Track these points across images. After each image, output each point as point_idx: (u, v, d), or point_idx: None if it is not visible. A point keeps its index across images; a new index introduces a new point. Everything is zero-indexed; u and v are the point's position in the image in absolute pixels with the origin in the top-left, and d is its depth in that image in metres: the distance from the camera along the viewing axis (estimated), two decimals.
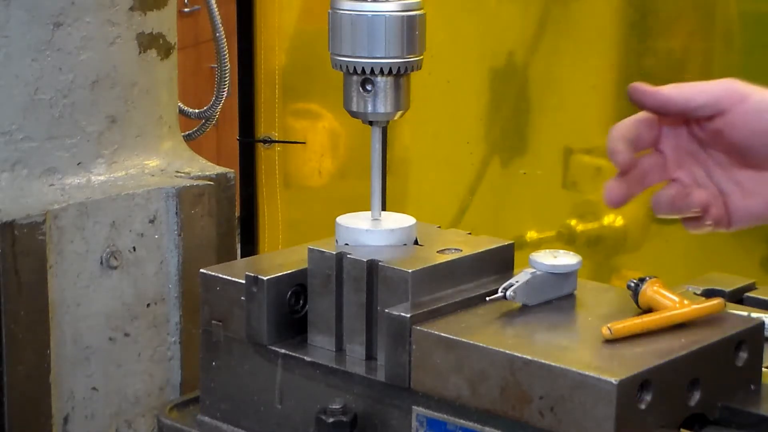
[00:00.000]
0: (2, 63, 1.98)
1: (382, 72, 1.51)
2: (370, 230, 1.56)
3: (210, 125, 2.99)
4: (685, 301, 1.42)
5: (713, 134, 1.42)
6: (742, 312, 1.60)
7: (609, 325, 1.36)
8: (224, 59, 2.91)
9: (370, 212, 1.60)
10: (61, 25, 2.02)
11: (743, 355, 1.42)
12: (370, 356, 1.49)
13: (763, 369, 1.46)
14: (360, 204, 1.63)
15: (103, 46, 2.08)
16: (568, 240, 2.89)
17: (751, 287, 1.81)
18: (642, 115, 1.45)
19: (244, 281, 1.54)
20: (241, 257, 2.48)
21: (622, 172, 1.42)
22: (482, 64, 2.94)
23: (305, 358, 1.51)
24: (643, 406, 1.29)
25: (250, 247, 3.34)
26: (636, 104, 1.44)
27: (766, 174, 1.40)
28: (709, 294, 1.71)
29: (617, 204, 1.43)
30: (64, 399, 2.03)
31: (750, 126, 1.38)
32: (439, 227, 1.67)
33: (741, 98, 1.38)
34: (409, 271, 1.46)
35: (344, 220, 1.58)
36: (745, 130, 1.39)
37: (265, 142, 3.29)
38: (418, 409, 1.42)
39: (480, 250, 1.55)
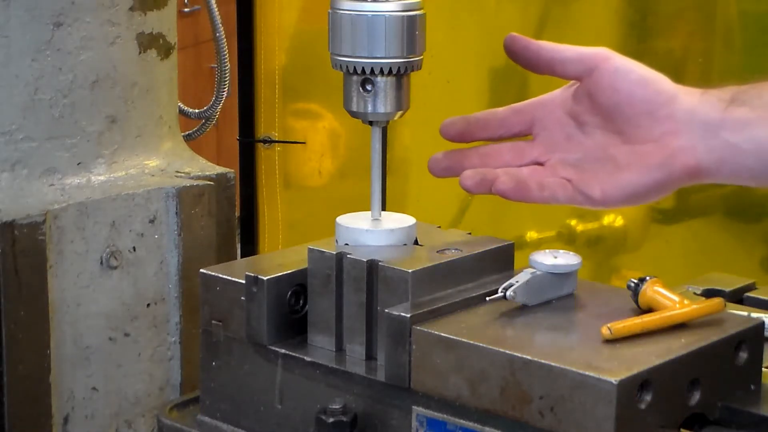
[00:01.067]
0: (2, 63, 1.98)
1: (382, 72, 1.51)
2: (370, 230, 1.56)
3: (210, 125, 2.99)
4: (685, 301, 1.42)
5: (585, 101, 1.44)
6: (742, 312, 1.60)
7: (609, 325, 1.36)
8: (224, 59, 2.91)
9: (370, 212, 1.60)
10: (61, 25, 2.02)
11: (743, 355, 1.42)
12: (370, 356, 1.49)
13: (763, 369, 1.46)
14: (360, 204, 1.63)
15: (103, 46, 2.08)
16: (568, 240, 2.89)
17: (751, 287, 1.81)
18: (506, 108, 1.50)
19: (244, 281, 1.54)
20: (241, 257, 2.48)
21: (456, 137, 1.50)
22: (482, 64, 2.94)
23: (305, 358, 1.51)
24: (643, 406, 1.29)
25: (250, 247, 3.34)
26: (510, 56, 1.48)
27: (639, 148, 1.41)
28: (709, 294, 1.71)
29: (437, 173, 1.51)
30: (64, 399, 2.03)
31: (615, 84, 1.42)
32: (439, 227, 1.67)
33: (606, 59, 1.43)
34: (409, 271, 1.46)
35: (344, 220, 1.59)
36: (609, 88, 1.43)
37: (265, 142, 3.29)
38: (418, 409, 1.42)
39: (480, 250, 1.55)
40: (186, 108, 2.85)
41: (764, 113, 1.36)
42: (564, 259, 1.49)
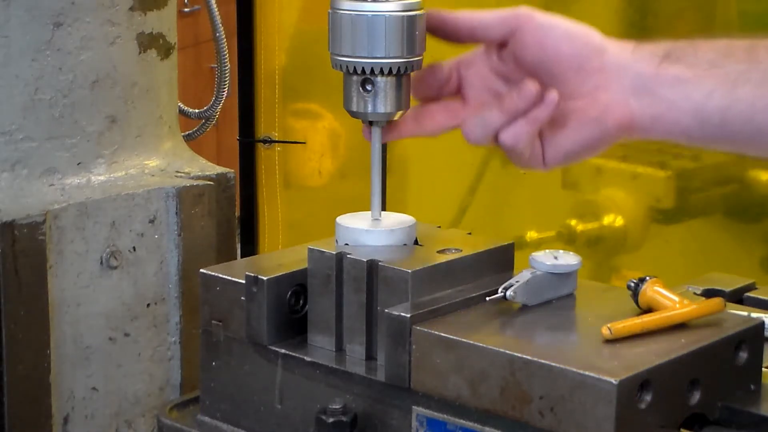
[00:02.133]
0: (2, 63, 1.98)
1: (382, 72, 1.51)
2: (370, 230, 1.56)
3: (210, 125, 2.99)
4: (685, 301, 1.42)
5: (511, 62, 1.43)
6: (742, 312, 1.60)
7: (609, 325, 1.36)
8: (224, 59, 2.91)
9: (370, 212, 1.60)
10: (61, 25, 2.02)
11: (743, 355, 1.42)
12: (370, 356, 1.49)
13: (763, 369, 1.46)
14: (360, 204, 1.63)
15: (103, 46, 2.08)
16: (568, 240, 2.89)
17: (751, 287, 1.81)
18: (435, 64, 1.48)
19: (244, 281, 1.54)
20: (241, 257, 2.48)
21: None
22: None
23: (305, 358, 1.51)
24: (643, 406, 1.29)
25: (250, 247, 3.34)
26: (430, 31, 1.47)
27: (571, 104, 1.40)
28: (709, 294, 1.71)
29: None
30: (64, 399, 2.03)
31: (539, 41, 1.40)
32: (439, 227, 1.67)
33: (528, 18, 1.41)
34: (409, 271, 1.46)
35: (344, 220, 1.58)
36: (534, 46, 1.40)
37: (265, 142, 3.29)
38: (418, 409, 1.42)
39: (480, 250, 1.55)
40: (186, 108, 2.85)
41: (700, 71, 1.34)
42: (564, 259, 1.49)
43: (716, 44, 1.35)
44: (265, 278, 1.52)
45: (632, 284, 1.46)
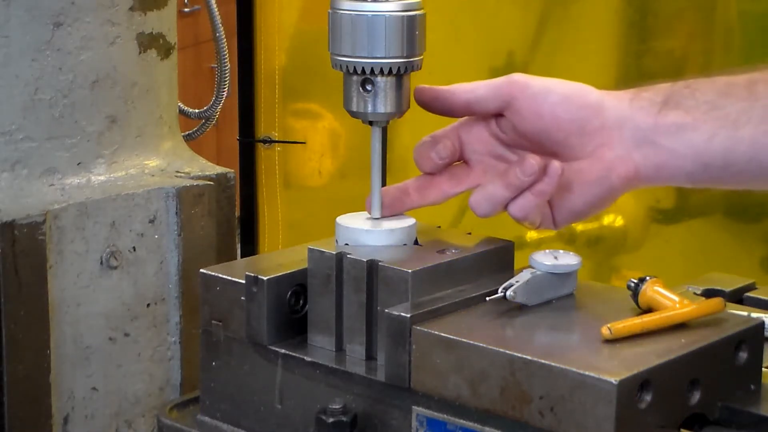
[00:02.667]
0: (2, 63, 1.98)
1: (382, 72, 1.51)
2: (370, 230, 1.56)
3: (210, 125, 2.99)
4: (685, 301, 1.42)
5: (511, 132, 1.42)
6: (742, 312, 1.60)
7: (609, 325, 1.36)
8: (224, 59, 2.91)
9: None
10: (61, 25, 2.02)
11: (743, 355, 1.42)
12: (370, 356, 1.49)
13: (763, 369, 1.46)
14: (360, 204, 1.63)
15: (103, 46, 2.08)
16: (568, 240, 2.89)
17: (751, 287, 1.81)
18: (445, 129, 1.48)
19: (244, 281, 1.54)
20: (241, 257, 2.48)
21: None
22: (482, 64, 2.94)
23: (305, 358, 1.51)
24: (643, 406, 1.29)
25: (250, 247, 3.34)
26: (422, 105, 1.47)
27: (576, 165, 1.40)
28: (709, 294, 1.71)
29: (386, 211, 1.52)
30: (64, 399, 2.03)
31: (535, 111, 1.39)
32: (439, 227, 1.67)
33: (523, 87, 1.39)
34: (409, 271, 1.46)
35: (344, 220, 1.58)
36: (531, 115, 1.40)
37: (265, 142, 3.29)
38: (418, 409, 1.42)
39: (480, 250, 1.55)
40: (186, 108, 2.85)
41: (699, 115, 1.33)
42: (564, 259, 1.49)
43: (716, 83, 1.34)
44: (265, 278, 1.52)
45: (632, 284, 1.46)
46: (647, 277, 1.45)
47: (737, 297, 1.77)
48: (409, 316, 1.41)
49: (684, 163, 1.35)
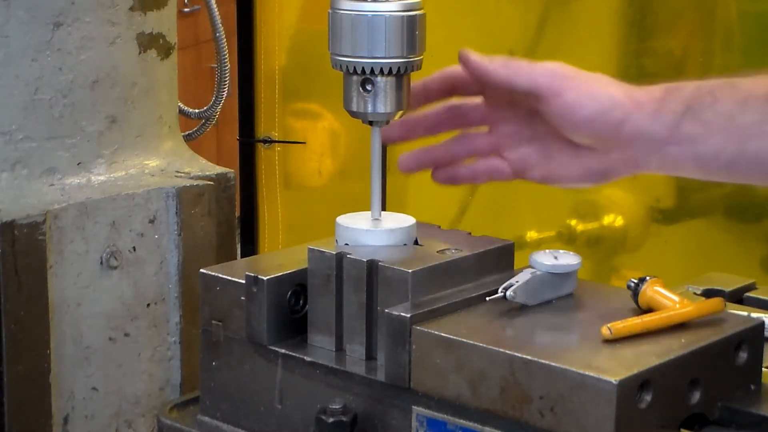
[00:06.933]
0: (2, 63, 1.98)
1: (382, 72, 1.51)
2: (370, 230, 1.56)
3: (210, 125, 2.99)
4: (685, 301, 1.42)
5: (537, 115, 1.44)
6: (742, 312, 1.60)
7: (609, 325, 1.36)
8: (224, 59, 2.91)
9: (370, 212, 1.60)
10: (61, 25, 2.02)
11: (743, 355, 1.42)
12: (370, 356, 1.49)
13: (763, 369, 1.46)
14: (360, 204, 1.63)
15: (103, 46, 2.08)
16: (568, 240, 2.89)
17: (751, 287, 1.81)
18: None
19: (244, 281, 1.54)
20: (241, 257, 2.48)
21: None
22: None
23: (305, 358, 1.51)
24: (643, 406, 1.29)
25: (250, 247, 3.33)
26: (465, 71, 1.48)
27: (582, 153, 1.42)
28: (709, 294, 1.71)
29: (407, 169, 1.53)
30: (64, 399, 2.03)
31: (564, 118, 1.42)
32: (439, 227, 1.67)
33: (558, 92, 1.41)
34: (409, 271, 1.46)
35: (344, 220, 1.58)
36: (558, 120, 1.42)
37: (265, 142, 3.29)
38: (418, 409, 1.42)
39: (480, 250, 1.55)
40: (186, 108, 2.85)
41: (713, 128, 1.34)
42: (564, 259, 1.49)
43: (736, 92, 1.35)
44: (265, 278, 1.52)
45: (632, 284, 1.46)
46: (647, 277, 1.45)
47: (737, 297, 1.77)
48: (409, 316, 1.41)
49: (686, 170, 1.39)
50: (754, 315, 1.58)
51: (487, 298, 1.46)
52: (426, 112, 1.54)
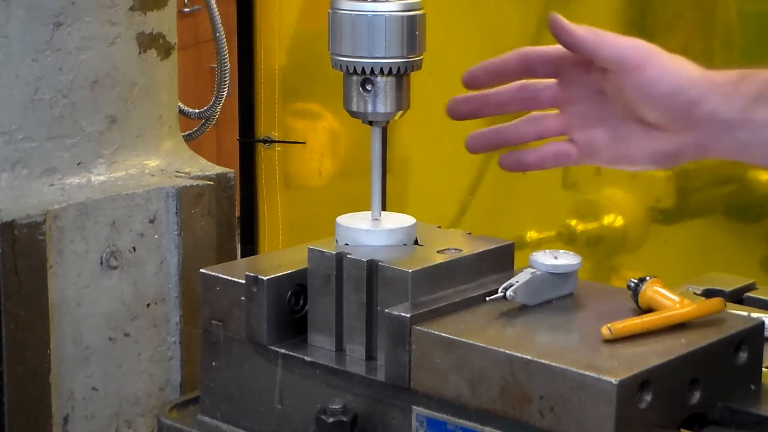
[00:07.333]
0: (2, 63, 1.98)
1: (382, 72, 1.51)
2: (370, 230, 1.56)
3: (210, 125, 2.99)
4: (685, 301, 1.42)
5: (612, 87, 1.44)
6: (742, 312, 1.60)
7: (609, 325, 1.36)
8: (224, 59, 2.91)
9: (370, 212, 1.60)
10: (61, 25, 2.02)
11: (743, 355, 1.42)
12: (370, 356, 1.49)
13: (763, 369, 1.46)
14: (360, 204, 1.63)
15: (103, 46, 2.08)
16: (568, 240, 2.89)
17: (751, 287, 1.81)
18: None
19: (244, 281, 1.54)
20: (241, 257, 2.48)
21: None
22: None
23: (305, 358, 1.51)
24: (643, 406, 1.29)
25: (250, 247, 3.33)
26: (553, 35, 1.48)
27: (653, 133, 1.42)
28: (709, 294, 1.71)
29: (474, 150, 1.54)
30: (64, 399, 2.03)
31: (643, 91, 1.42)
32: (439, 227, 1.67)
33: (640, 65, 1.42)
34: (409, 271, 1.46)
35: (344, 220, 1.59)
36: (636, 93, 1.42)
37: (265, 142, 3.29)
38: (418, 409, 1.42)
39: (480, 250, 1.55)
40: (186, 108, 2.85)
41: None
42: (564, 259, 1.49)
43: None
44: (265, 278, 1.52)
45: (632, 284, 1.46)
46: (647, 277, 1.45)
47: (737, 297, 1.77)
48: (409, 316, 1.41)
49: (753, 157, 1.39)
50: (754, 315, 1.57)
51: (487, 298, 1.46)
52: (498, 89, 1.53)
